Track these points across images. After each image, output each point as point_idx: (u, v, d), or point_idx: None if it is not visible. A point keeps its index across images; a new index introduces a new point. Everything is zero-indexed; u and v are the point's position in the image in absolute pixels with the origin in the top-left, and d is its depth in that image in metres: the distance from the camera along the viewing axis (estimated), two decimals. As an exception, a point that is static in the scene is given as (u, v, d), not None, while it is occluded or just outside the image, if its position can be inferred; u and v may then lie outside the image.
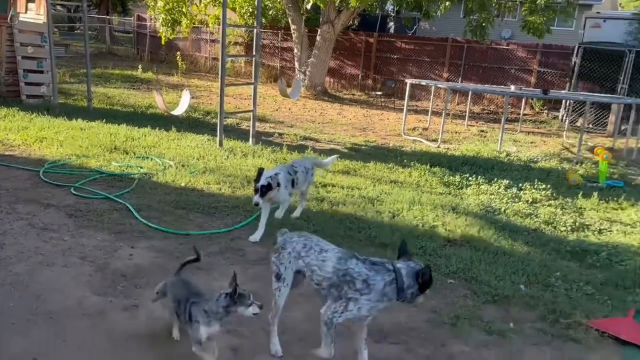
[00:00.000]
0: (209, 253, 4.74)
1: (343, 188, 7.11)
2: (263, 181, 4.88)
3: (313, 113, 14.95)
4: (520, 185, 7.83)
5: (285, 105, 15.69)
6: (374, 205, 6.48)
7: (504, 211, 6.69)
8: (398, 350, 3.61)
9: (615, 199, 7.55)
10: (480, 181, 7.94)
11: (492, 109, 18.53)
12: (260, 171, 4.97)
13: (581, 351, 3.77)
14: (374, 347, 3.51)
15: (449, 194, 7.39)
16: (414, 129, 13.13)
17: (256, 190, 4.87)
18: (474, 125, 14.54)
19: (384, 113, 16.05)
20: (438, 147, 10.81)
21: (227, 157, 8.25)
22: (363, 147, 10.41)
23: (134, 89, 16.37)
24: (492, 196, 7.32)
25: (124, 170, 7.14)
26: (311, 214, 5.87)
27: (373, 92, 19.44)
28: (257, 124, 10.05)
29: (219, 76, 8.85)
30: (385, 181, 7.75)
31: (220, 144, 8.89)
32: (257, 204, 4.90)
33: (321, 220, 5.71)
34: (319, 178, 7.47)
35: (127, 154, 8.01)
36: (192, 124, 11.04)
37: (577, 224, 6.39)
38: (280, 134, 10.84)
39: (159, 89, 11.32)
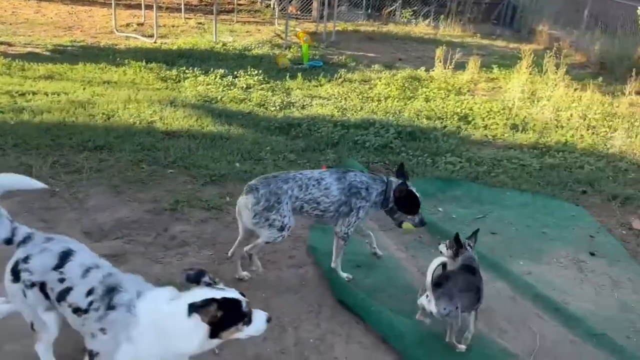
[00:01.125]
0: None
1: (47, 94, 6.42)
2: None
3: (2, 13, 12.58)
4: (235, 73, 8.22)
5: (-38, 5, 12.81)
6: (85, 109, 6.06)
7: (221, 99, 7.01)
8: (121, 243, 3.68)
9: (315, 77, 8.56)
10: (197, 73, 8.05)
11: (209, 1, 18.34)
12: None
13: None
14: (95, 247, 3.52)
15: (167, 88, 7.35)
16: (127, 25, 12.25)
17: None
18: (191, 18, 14.28)
19: (93, 9, 14.45)
20: (154, 42, 10.39)
21: None
22: (69, 48, 9.36)
23: None
24: (209, 86, 7.54)
25: None
26: (8, 127, 5.21)
27: (77, -15, 17.16)
28: None
29: None
30: (98, 83, 7.24)
31: None
32: None
33: (22, 133, 5.13)
34: (14, 86, 6.58)
35: None
36: None
37: (284, 103, 7.12)
38: (-42, 40, 8.95)
39: None
